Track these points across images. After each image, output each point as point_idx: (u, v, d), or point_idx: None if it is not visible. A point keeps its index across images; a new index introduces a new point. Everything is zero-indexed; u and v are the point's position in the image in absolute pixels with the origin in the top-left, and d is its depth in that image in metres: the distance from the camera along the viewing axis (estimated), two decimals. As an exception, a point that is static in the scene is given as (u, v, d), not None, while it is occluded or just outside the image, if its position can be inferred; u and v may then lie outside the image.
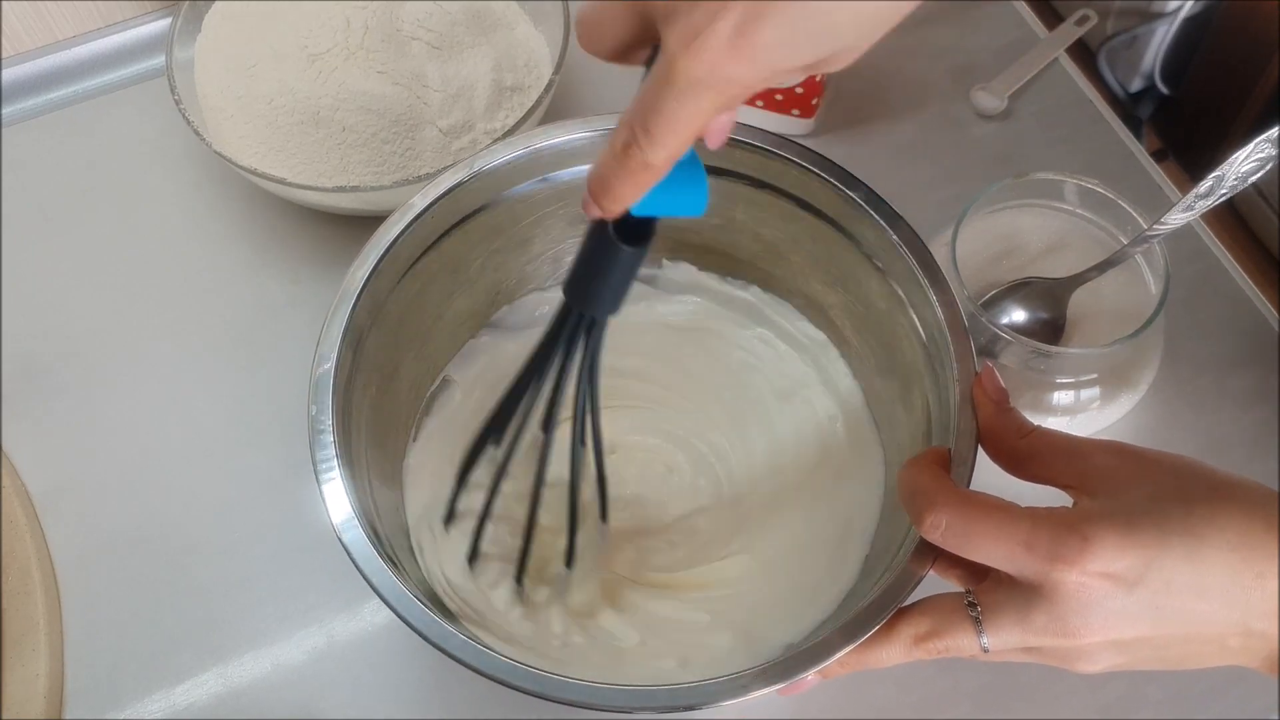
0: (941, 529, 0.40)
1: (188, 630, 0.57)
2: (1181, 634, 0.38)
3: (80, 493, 0.60)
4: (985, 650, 0.41)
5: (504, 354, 0.60)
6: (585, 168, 0.56)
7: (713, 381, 0.60)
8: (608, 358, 0.46)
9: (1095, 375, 0.56)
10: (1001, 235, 0.60)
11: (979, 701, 0.55)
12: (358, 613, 0.57)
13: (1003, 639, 0.40)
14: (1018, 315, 0.57)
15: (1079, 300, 0.57)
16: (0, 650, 0.55)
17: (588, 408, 0.47)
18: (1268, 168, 0.47)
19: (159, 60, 0.74)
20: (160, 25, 0.75)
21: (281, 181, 0.61)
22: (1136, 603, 0.37)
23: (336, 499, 0.46)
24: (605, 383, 0.47)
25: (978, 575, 0.43)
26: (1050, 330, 0.57)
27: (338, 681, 0.55)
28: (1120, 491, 0.39)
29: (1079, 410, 0.57)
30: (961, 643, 0.41)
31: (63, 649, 0.56)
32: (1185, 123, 1.10)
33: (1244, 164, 0.48)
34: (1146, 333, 0.53)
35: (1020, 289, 0.58)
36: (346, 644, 0.56)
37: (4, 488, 0.59)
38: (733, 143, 0.55)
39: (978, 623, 0.41)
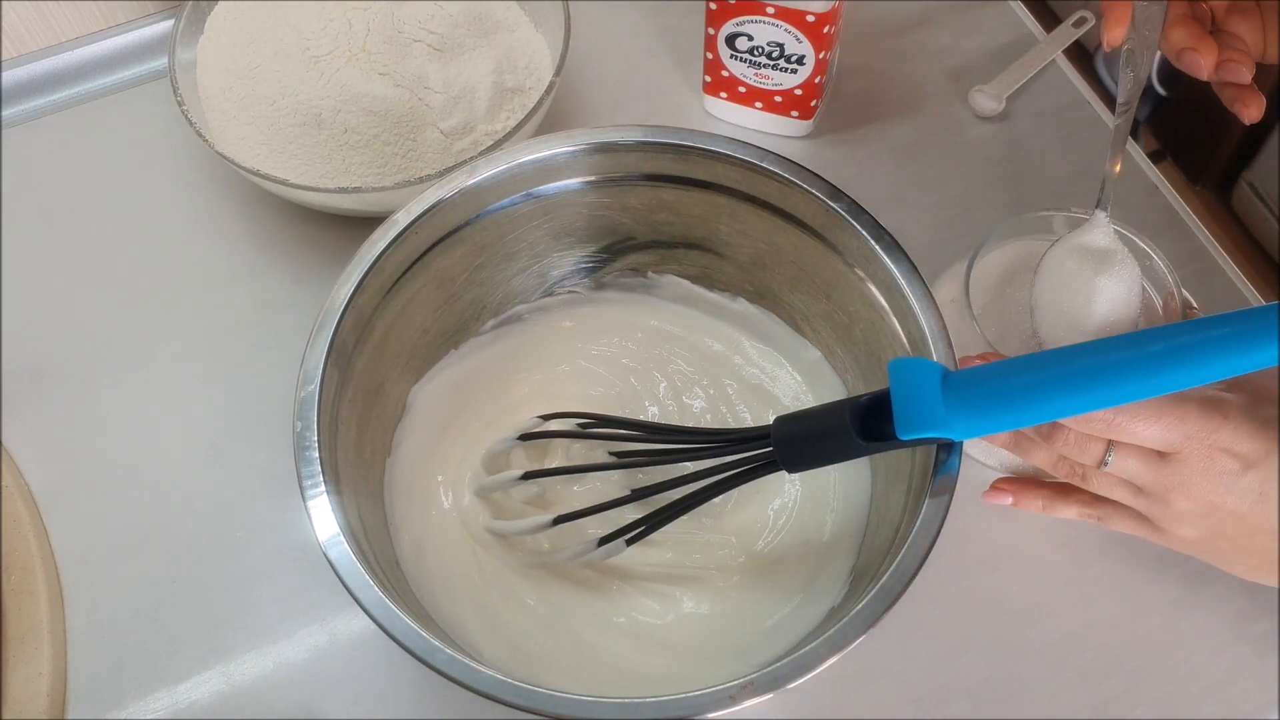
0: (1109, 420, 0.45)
1: (190, 629, 0.57)
2: (1266, 524, 0.45)
3: (83, 492, 0.61)
4: (1105, 465, 0.46)
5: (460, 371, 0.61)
6: (569, 182, 0.57)
7: (704, 394, 0.61)
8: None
9: None
10: (1007, 273, 0.60)
11: (978, 699, 0.55)
12: (359, 611, 0.57)
13: (1125, 466, 0.46)
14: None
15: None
16: (3, 649, 0.55)
17: (668, 514, 0.51)
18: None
19: (161, 61, 0.75)
20: (163, 26, 0.75)
21: (283, 183, 0.62)
22: (1247, 482, 0.45)
23: (322, 516, 0.46)
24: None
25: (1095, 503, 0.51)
26: None
27: (340, 680, 0.56)
28: (1264, 395, 0.46)
29: None
30: (1089, 449, 0.46)
31: (65, 648, 0.56)
32: (1182, 124, 1.10)
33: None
34: None
35: None
36: (348, 642, 0.56)
37: (6, 487, 0.59)
38: (715, 156, 0.55)
39: (1108, 447, 0.46)
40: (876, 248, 0.52)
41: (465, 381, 0.61)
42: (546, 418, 0.56)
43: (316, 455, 0.48)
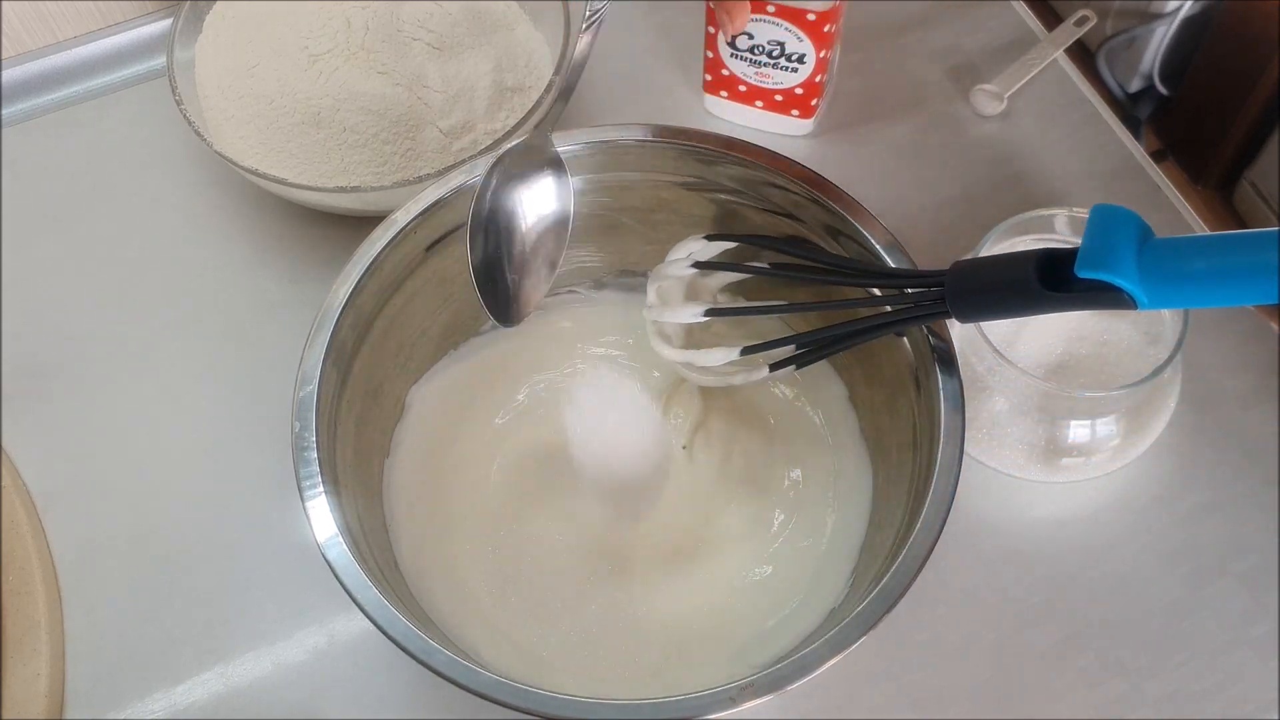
0: None
1: (188, 630, 0.57)
2: None
3: (81, 492, 0.60)
4: None
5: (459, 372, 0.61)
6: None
7: (705, 393, 0.60)
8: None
9: (1114, 415, 0.57)
10: None
11: (977, 700, 0.55)
12: (358, 612, 0.57)
13: None
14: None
15: (1091, 331, 0.57)
16: (1, 650, 0.55)
17: (825, 344, 0.49)
18: None
19: (160, 61, 0.75)
20: (161, 25, 0.75)
21: (282, 182, 0.61)
22: None
23: (321, 517, 0.46)
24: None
25: None
26: None
27: (338, 681, 0.56)
28: None
29: (1094, 451, 0.57)
30: None
31: (63, 649, 0.56)
32: (1184, 123, 1.10)
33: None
34: (1164, 374, 0.53)
35: None
36: (347, 643, 0.56)
37: (5, 487, 0.59)
38: (715, 155, 0.55)
39: None
40: (877, 247, 0.52)
41: (465, 382, 0.60)
42: (713, 238, 0.53)
43: (315, 456, 0.47)
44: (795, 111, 0.70)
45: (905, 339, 0.52)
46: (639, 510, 0.57)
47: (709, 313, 0.51)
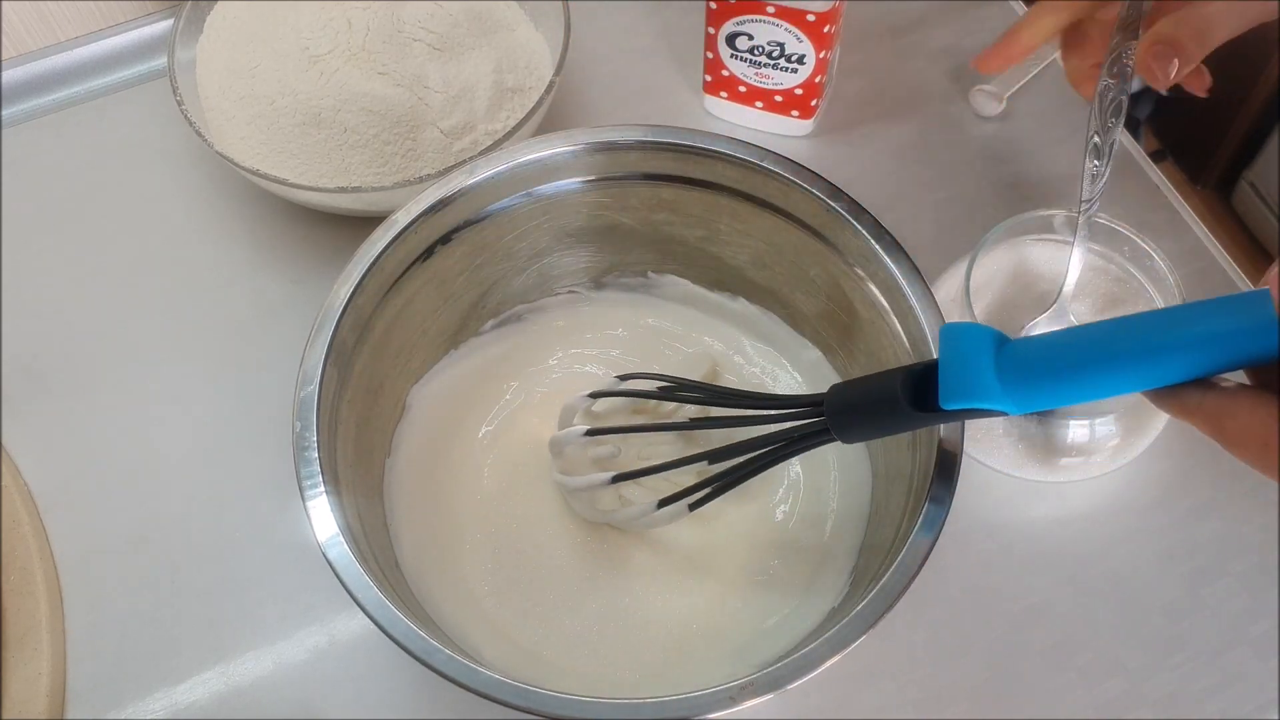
0: None
1: (189, 629, 0.57)
2: None
3: (82, 492, 0.61)
4: None
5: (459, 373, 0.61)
6: (568, 182, 0.57)
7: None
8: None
9: (1113, 414, 0.57)
10: (1007, 273, 0.60)
11: (977, 700, 0.55)
12: (358, 612, 0.57)
13: None
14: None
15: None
16: (2, 649, 0.55)
17: (725, 481, 0.50)
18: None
19: (161, 61, 0.75)
20: (162, 26, 0.75)
21: (283, 182, 0.61)
22: None
23: (321, 516, 0.46)
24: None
25: None
26: None
27: (339, 680, 0.56)
28: None
29: (1093, 451, 0.57)
30: None
31: (65, 648, 0.56)
32: (1183, 123, 1.10)
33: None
34: None
35: None
36: (348, 643, 0.56)
37: (6, 487, 0.59)
38: (716, 155, 0.55)
39: None
40: (877, 247, 0.52)
41: (465, 382, 0.61)
42: (624, 378, 0.55)
43: (315, 455, 0.48)
44: (795, 112, 0.70)
45: (905, 339, 0.52)
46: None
47: (615, 479, 0.52)
